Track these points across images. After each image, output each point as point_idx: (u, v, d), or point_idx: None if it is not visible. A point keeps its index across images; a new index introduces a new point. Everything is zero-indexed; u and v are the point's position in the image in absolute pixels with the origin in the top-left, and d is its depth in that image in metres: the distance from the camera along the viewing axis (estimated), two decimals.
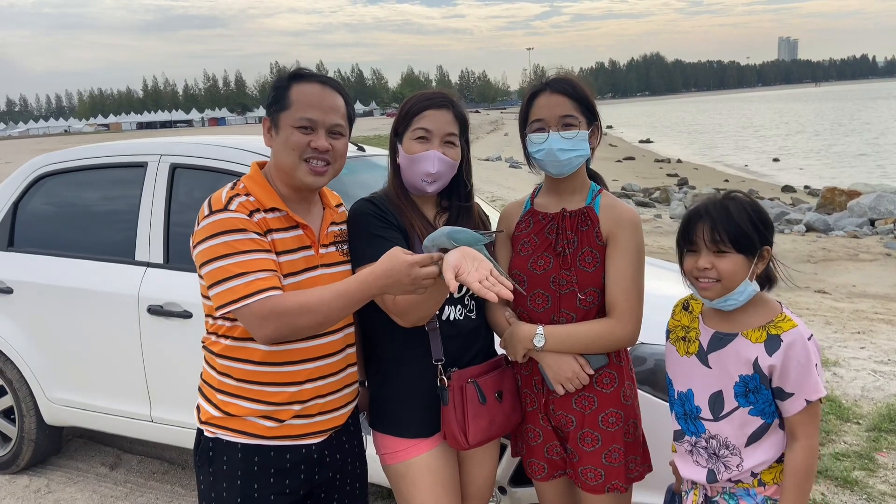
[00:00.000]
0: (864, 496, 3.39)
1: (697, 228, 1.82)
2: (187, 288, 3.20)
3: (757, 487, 1.87)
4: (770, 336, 1.81)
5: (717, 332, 1.88)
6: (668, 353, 2.01)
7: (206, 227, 1.76)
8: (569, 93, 2.01)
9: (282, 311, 1.67)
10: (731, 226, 1.79)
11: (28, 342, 3.73)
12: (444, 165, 2.01)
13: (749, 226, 1.80)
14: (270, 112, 1.88)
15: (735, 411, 1.85)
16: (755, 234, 1.80)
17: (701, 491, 1.95)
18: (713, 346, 1.88)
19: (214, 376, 1.89)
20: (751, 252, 1.80)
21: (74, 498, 3.71)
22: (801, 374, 1.77)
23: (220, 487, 1.87)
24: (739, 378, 1.83)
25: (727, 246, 1.78)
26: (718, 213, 1.80)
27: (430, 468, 2.04)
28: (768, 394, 1.83)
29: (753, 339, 1.83)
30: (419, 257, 1.61)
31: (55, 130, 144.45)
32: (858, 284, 8.13)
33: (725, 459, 1.87)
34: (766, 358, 1.80)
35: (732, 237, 1.78)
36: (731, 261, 1.79)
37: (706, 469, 1.91)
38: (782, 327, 1.81)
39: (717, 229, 1.78)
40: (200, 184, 3.36)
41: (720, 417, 1.87)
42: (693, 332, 1.95)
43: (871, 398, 4.54)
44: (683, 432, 1.95)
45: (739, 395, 1.84)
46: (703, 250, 1.81)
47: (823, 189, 15.21)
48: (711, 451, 1.89)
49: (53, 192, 3.84)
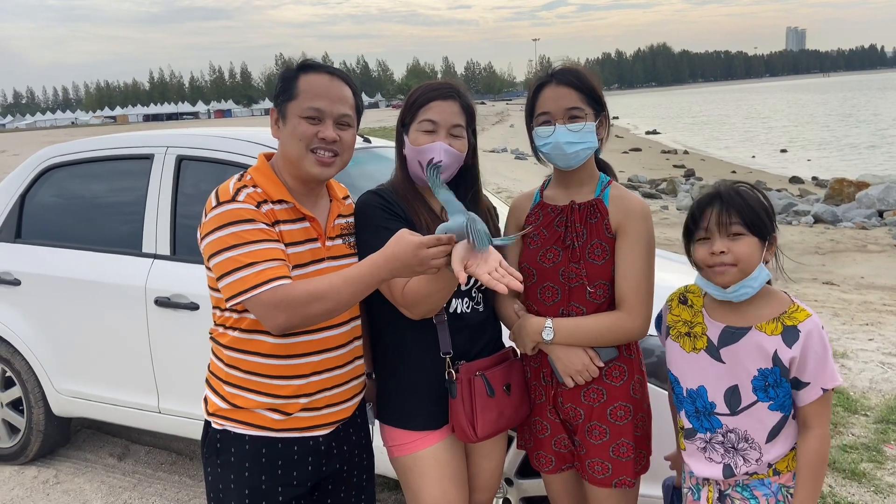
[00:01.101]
0: (872, 488, 3.37)
1: (709, 214, 1.80)
2: (194, 279, 3.20)
3: (772, 477, 1.85)
4: (786, 327, 1.79)
5: (729, 327, 1.85)
6: (670, 351, 1.98)
7: (214, 219, 1.76)
8: (575, 84, 1.99)
9: (292, 299, 1.67)
10: (745, 208, 1.78)
11: (36, 334, 3.75)
12: (450, 157, 2.00)
13: (760, 209, 1.80)
14: (278, 102, 1.87)
15: (754, 405, 1.82)
16: (766, 218, 1.80)
17: (715, 487, 1.92)
18: (725, 340, 1.85)
19: (222, 368, 1.89)
20: (763, 235, 1.79)
21: (83, 488, 3.73)
22: (818, 363, 1.77)
23: (227, 479, 1.87)
24: (758, 372, 1.80)
25: (742, 228, 1.77)
26: (730, 198, 1.79)
27: (437, 461, 2.04)
28: (788, 386, 1.81)
29: (769, 331, 1.80)
30: (426, 238, 1.61)
31: (62, 123, 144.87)
32: (867, 276, 8.08)
33: (744, 453, 1.85)
34: (787, 350, 1.77)
35: (747, 219, 1.77)
36: (747, 243, 1.77)
37: (721, 465, 1.88)
38: (797, 318, 1.79)
39: (731, 212, 1.77)
40: (207, 176, 3.36)
41: (738, 412, 1.84)
42: (698, 327, 1.91)
43: (879, 390, 4.52)
44: (696, 430, 1.92)
45: (759, 389, 1.81)
46: (717, 235, 1.78)
47: (832, 180, 15.12)
48: (729, 444, 1.86)
49: (60, 184, 3.85)
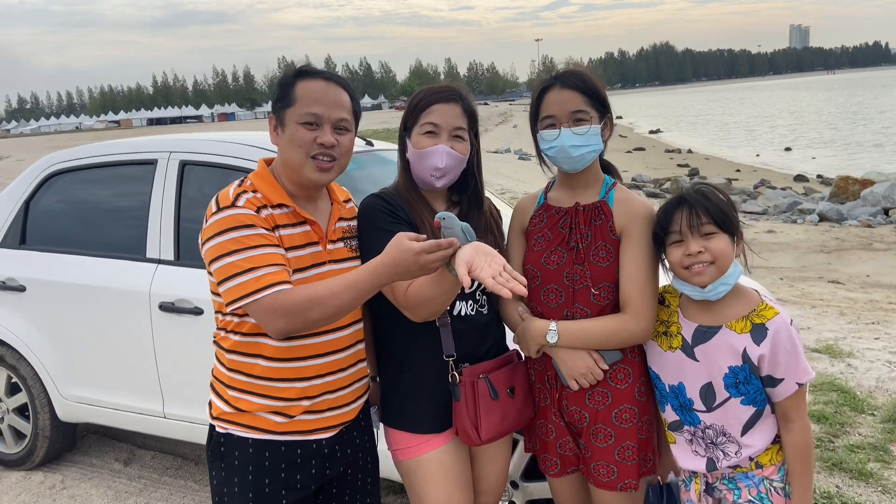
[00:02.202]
0: (880, 488, 3.36)
1: (679, 217, 1.85)
2: (198, 284, 3.20)
3: (755, 470, 1.91)
4: (755, 325, 1.84)
5: (701, 326, 1.91)
6: (650, 349, 2.03)
7: (215, 224, 1.76)
8: (579, 87, 1.99)
9: (292, 304, 1.67)
10: (713, 208, 1.84)
11: (41, 339, 3.75)
12: (452, 160, 1.99)
13: (726, 207, 1.86)
14: (276, 109, 1.88)
15: (727, 401, 1.89)
16: (733, 215, 1.87)
17: (702, 479, 1.99)
18: (698, 339, 1.91)
19: (225, 372, 1.89)
20: (732, 232, 1.86)
21: (89, 494, 3.74)
22: (790, 359, 1.82)
23: (231, 482, 1.87)
24: (729, 370, 1.86)
25: (713, 227, 1.83)
26: (696, 199, 1.85)
27: (442, 464, 2.03)
28: (758, 383, 1.86)
29: (738, 329, 1.85)
30: (426, 245, 1.61)
31: (66, 127, 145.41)
32: (872, 274, 8.05)
33: (723, 447, 1.91)
34: (755, 348, 1.83)
35: (717, 218, 1.83)
36: (720, 240, 1.83)
37: (705, 458, 1.95)
38: (766, 315, 1.84)
39: (699, 212, 1.83)
40: (210, 180, 3.36)
41: (713, 408, 1.90)
42: (674, 326, 1.96)
43: (885, 389, 4.50)
44: (682, 422, 1.98)
45: (730, 385, 1.87)
46: (690, 237, 1.84)
47: (836, 178, 15.08)
48: (709, 440, 1.93)
49: (64, 189, 3.86)
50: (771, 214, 13.27)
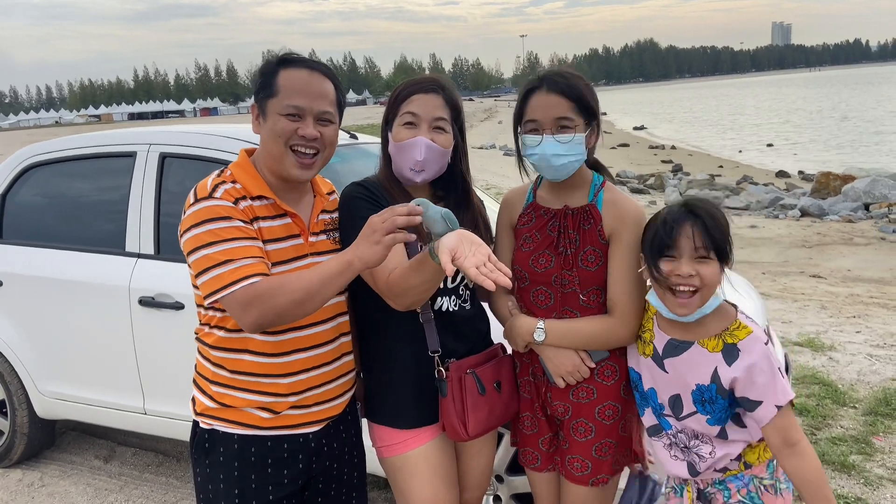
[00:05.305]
0: (862, 480, 3.38)
1: (687, 230, 1.71)
2: (179, 279, 3.16)
3: (744, 470, 1.87)
4: (726, 345, 1.76)
5: (673, 339, 1.84)
6: (629, 351, 2.00)
7: (192, 216, 1.73)
8: (566, 92, 1.90)
9: (261, 293, 1.64)
10: (718, 232, 1.72)
11: (19, 335, 3.69)
12: (432, 152, 1.94)
13: (728, 235, 1.74)
14: (258, 98, 1.84)
15: (694, 415, 1.84)
16: (730, 241, 1.75)
17: (693, 486, 1.95)
18: (668, 352, 1.85)
19: (209, 368, 1.86)
20: (725, 261, 1.74)
21: (68, 491, 3.68)
22: (766, 381, 1.72)
23: (217, 479, 1.84)
24: (696, 387, 1.81)
25: (710, 252, 1.71)
26: (709, 218, 1.72)
27: (428, 460, 2.01)
28: (724, 402, 1.79)
29: (710, 347, 1.78)
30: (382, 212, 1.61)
31: (46, 122, 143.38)
32: (853, 268, 8.13)
33: (697, 449, 1.87)
34: (727, 369, 1.75)
35: (717, 244, 1.72)
36: (713, 268, 1.72)
37: (685, 462, 1.91)
38: (738, 335, 1.76)
39: (706, 235, 1.71)
40: (190, 173, 3.31)
41: (681, 418, 1.87)
42: (647, 333, 1.92)
43: (867, 382, 4.54)
44: (661, 427, 1.94)
45: (696, 402, 1.82)
46: (685, 256, 1.72)
47: (818, 174, 15.21)
48: (682, 444, 1.90)
49: (42, 183, 3.79)
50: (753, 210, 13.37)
